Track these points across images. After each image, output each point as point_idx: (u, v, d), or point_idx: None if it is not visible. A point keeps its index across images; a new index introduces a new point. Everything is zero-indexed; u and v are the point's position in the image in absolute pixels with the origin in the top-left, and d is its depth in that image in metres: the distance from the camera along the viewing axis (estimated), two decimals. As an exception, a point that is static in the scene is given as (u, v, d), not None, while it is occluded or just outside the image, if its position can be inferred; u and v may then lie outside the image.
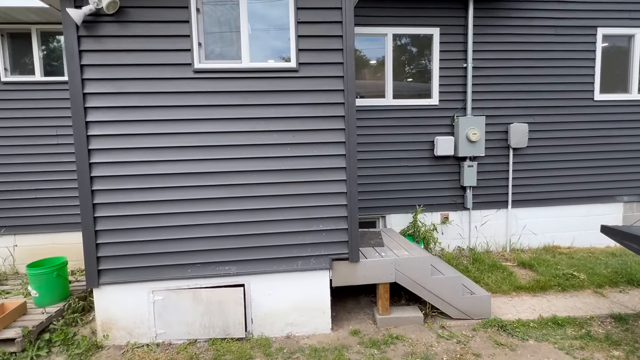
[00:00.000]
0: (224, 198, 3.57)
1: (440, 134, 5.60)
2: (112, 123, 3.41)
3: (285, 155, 3.58)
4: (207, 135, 3.51)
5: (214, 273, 3.58)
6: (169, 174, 3.49)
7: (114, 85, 3.40)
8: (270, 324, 3.70)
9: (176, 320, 3.58)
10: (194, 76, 3.45)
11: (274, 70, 3.52)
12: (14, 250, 5.10)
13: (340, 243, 3.70)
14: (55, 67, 5.21)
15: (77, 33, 3.29)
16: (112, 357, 3.39)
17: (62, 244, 5.16)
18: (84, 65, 3.34)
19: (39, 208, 5.13)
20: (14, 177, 5.06)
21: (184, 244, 3.54)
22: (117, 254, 3.48)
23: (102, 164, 3.41)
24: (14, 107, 5.05)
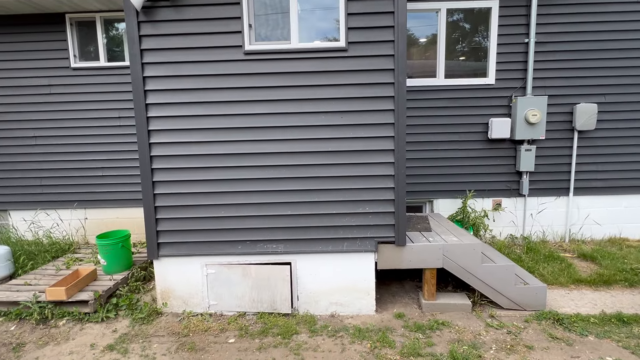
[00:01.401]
0: (272, 178, 3.64)
1: (496, 116, 5.27)
2: (169, 105, 3.58)
3: (333, 136, 3.56)
4: (256, 116, 3.58)
5: (262, 250, 3.71)
6: (220, 154, 3.62)
7: (170, 69, 3.55)
8: (315, 302, 3.79)
9: (227, 293, 3.78)
10: (244, 58, 3.50)
11: (323, 50, 3.47)
12: (85, 222, 5.62)
13: (386, 226, 3.66)
14: (117, 53, 5.54)
15: (137, 19, 3.45)
16: (170, 323, 3.66)
17: (126, 218, 5.60)
18: (144, 50, 3.51)
19: (105, 185, 5.58)
20: (84, 156, 5.52)
21: (234, 221, 3.69)
22: (174, 229, 3.71)
23: (160, 144, 3.61)
24: (83, 91, 5.47)
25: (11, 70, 5.46)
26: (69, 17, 5.35)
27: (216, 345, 3.30)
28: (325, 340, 3.34)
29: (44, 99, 5.48)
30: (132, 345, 3.32)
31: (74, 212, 5.61)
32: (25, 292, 3.90)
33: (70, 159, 5.54)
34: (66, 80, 5.44)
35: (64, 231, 5.54)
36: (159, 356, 3.16)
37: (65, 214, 5.60)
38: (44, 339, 3.43)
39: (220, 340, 3.39)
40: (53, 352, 3.23)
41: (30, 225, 5.51)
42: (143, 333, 3.50)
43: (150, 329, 3.57)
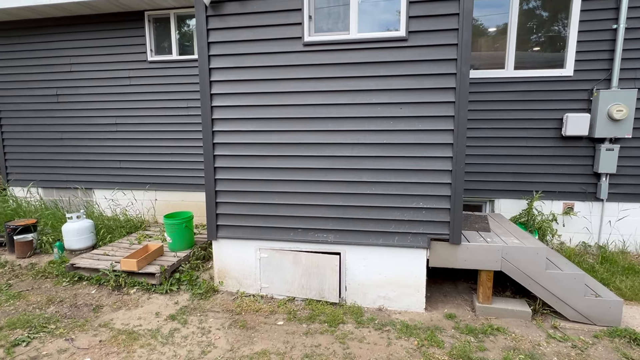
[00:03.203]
0: (326, 169, 3.68)
1: (572, 110, 4.79)
2: (231, 95, 3.77)
3: (389, 128, 3.50)
4: (313, 107, 3.63)
5: (312, 239, 3.78)
6: (276, 143, 3.73)
7: (233, 60, 3.72)
8: (363, 293, 3.79)
9: (278, 277, 3.92)
10: (303, 49, 3.56)
11: (382, 40, 3.41)
12: (155, 203, 6.15)
13: (440, 223, 3.53)
14: (187, 47, 5.93)
15: (206, 13, 3.67)
16: (225, 301, 3.90)
17: (190, 200, 6.03)
18: (211, 43, 3.72)
19: (173, 169, 6.05)
20: (156, 142, 6.03)
21: (287, 209, 3.80)
22: (232, 213, 3.92)
23: (222, 132, 3.82)
24: (156, 82, 5.95)
25: (97, 64, 6.09)
26: (147, 14, 5.82)
27: (266, 326, 3.44)
28: (372, 332, 3.33)
29: (124, 89, 6.05)
30: (190, 317, 3.59)
31: (146, 193, 6.16)
32: (104, 261, 4.39)
33: (144, 145, 6.08)
34: (143, 73, 5.95)
35: (137, 210, 6.12)
36: (213, 330, 3.38)
37: (139, 195, 6.17)
38: (117, 304, 3.83)
39: (270, 321, 3.53)
40: (125, 316, 3.60)
41: (110, 203, 6.16)
42: (201, 307, 3.77)
43: (207, 304, 3.83)
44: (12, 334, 3.25)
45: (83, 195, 6.40)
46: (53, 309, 3.70)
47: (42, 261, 4.78)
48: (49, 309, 3.70)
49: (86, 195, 6.40)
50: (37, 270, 4.50)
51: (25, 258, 4.83)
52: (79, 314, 3.64)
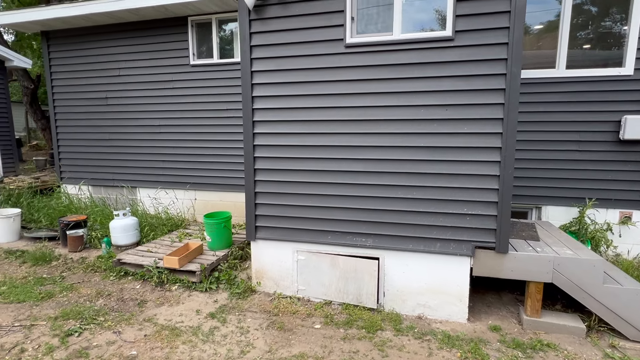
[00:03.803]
0: (364, 172, 3.63)
1: (632, 112, 4.45)
2: (272, 98, 3.80)
3: (432, 131, 3.39)
4: (353, 109, 3.59)
5: (350, 243, 3.74)
6: (316, 145, 3.72)
7: (275, 63, 3.75)
8: (401, 300, 3.70)
9: (315, 280, 3.90)
10: (345, 51, 3.53)
11: (427, 41, 3.31)
12: (194, 202, 6.34)
13: (486, 230, 3.37)
14: (227, 51, 6.07)
15: (249, 17, 3.72)
16: (262, 302, 3.93)
17: (227, 201, 6.16)
18: (253, 46, 3.77)
19: (212, 170, 6.21)
20: (197, 143, 6.22)
21: (326, 212, 3.78)
22: (270, 214, 3.96)
23: (262, 134, 3.86)
24: (198, 85, 6.13)
25: (143, 68, 6.37)
26: (190, 20, 6.02)
27: (303, 329, 3.43)
28: (411, 341, 3.24)
29: (167, 92, 6.29)
30: (229, 316, 3.65)
31: (186, 192, 6.37)
32: (148, 257, 4.56)
33: (185, 146, 6.28)
34: (186, 76, 6.16)
35: (178, 209, 6.34)
36: (252, 330, 3.41)
37: (180, 194, 6.39)
38: (160, 300, 3.97)
39: (307, 324, 3.52)
40: (167, 312, 3.72)
41: (153, 201, 6.42)
42: (239, 307, 3.82)
43: (245, 304, 3.88)
44: (65, 324, 3.44)
45: (128, 194, 6.71)
46: (102, 302, 3.89)
47: (91, 255, 5.04)
48: (98, 302, 3.89)
49: (131, 194, 6.71)
50: (87, 264, 4.76)
51: (76, 252, 5.12)
52: (125, 307, 3.80)
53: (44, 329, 3.35)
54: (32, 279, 4.35)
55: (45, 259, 4.83)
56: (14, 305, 3.75)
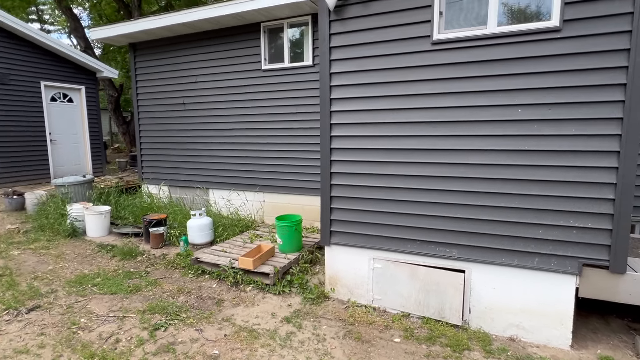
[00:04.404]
0: (450, 177, 3.38)
1: None
2: (350, 100, 3.70)
3: (532, 133, 3.05)
4: (439, 110, 3.36)
5: (433, 253, 3.50)
6: (396, 149, 3.55)
7: (354, 64, 3.65)
8: (490, 319, 3.37)
9: (392, 290, 3.71)
10: (431, 48, 3.32)
11: (528, 33, 2.99)
12: (263, 204, 6.46)
13: (597, 246, 2.95)
14: (297, 54, 6.11)
15: (329, 18, 3.66)
16: (337, 309, 3.83)
17: (295, 203, 6.19)
18: (332, 47, 3.70)
19: (281, 173, 6.28)
20: (266, 147, 6.34)
21: (405, 219, 3.58)
22: (346, 219, 3.85)
23: (340, 137, 3.77)
24: (268, 89, 6.25)
25: (218, 74, 6.65)
26: (263, 25, 6.16)
27: (381, 341, 3.27)
28: (506, 366, 2.92)
29: (239, 97, 6.49)
30: (304, 322, 3.59)
31: (256, 194, 6.51)
32: (223, 257, 4.69)
33: (255, 149, 6.43)
34: (257, 81, 6.31)
35: (248, 210, 6.50)
36: (328, 338, 3.32)
37: (250, 196, 6.55)
38: (236, 300, 4.04)
39: (385, 337, 3.35)
40: (244, 313, 3.76)
41: (225, 202, 6.66)
42: (313, 313, 3.75)
43: (319, 310, 3.81)
44: (152, 318, 3.61)
45: (203, 194, 7.04)
46: (183, 299, 4.04)
47: (170, 252, 5.32)
48: (179, 298, 4.05)
49: (205, 194, 7.03)
50: (167, 261, 5.02)
51: (157, 248, 5.44)
52: (204, 305, 3.92)
53: (134, 322, 3.54)
54: (121, 272, 4.67)
55: (131, 254, 5.19)
56: (108, 297, 4.03)
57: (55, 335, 3.29)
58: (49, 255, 5.16)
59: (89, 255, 5.23)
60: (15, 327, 3.40)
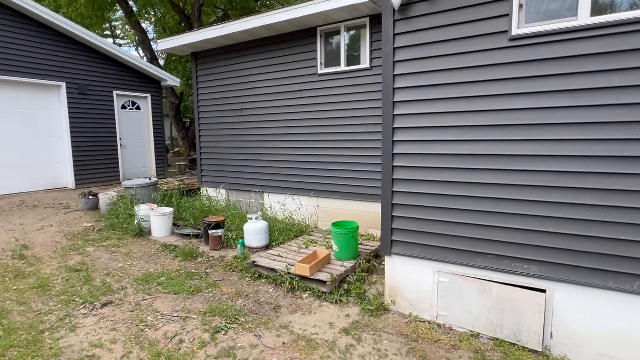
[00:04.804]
0: (529, 186, 3.05)
1: None
2: (415, 102, 3.50)
3: (632, 137, 2.66)
4: (517, 112, 3.06)
5: (508, 269, 3.19)
6: (467, 154, 3.29)
7: (419, 65, 3.45)
8: (576, 346, 2.99)
9: (459, 306, 3.44)
10: (509, 45, 3.03)
11: (629, 23, 2.61)
12: (317, 209, 6.41)
13: None
14: (353, 58, 6.00)
15: (393, 17, 3.51)
16: (397, 323, 3.63)
17: (348, 209, 6.06)
18: (396, 48, 3.54)
19: (335, 178, 6.19)
20: (321, 151, 6.29)
21: (475, 230, 3.30)
22: (408, 229, 3.65)
23: (402, 142, 3.59)
24: (324, 94, 6.20)
25: (274, 79, 6.73)
26: (319, 29, 6.13)
27: (449, 362, 3.02)
28: (600, 403, 2.55)
29: (295, 102, 6.52)
30: (364, 334, 3.44)
31: (310, 199, 6.48)
32: (279, 262, 4.68)
33: (309, 153, 6.41)
34: (312, 85, 6.29)
35: (302, 215, 6.49)
36: (390, 354, 3.14)
37: (304, 200, 6.54)
38: (293, 306, 3.99)
39: (453, 357, 3.10)
40: (301, 321, 3.69)
41: (280, 207, 6.71)
42: (372, 325, 3.59)
43: (379, 323, 3.64)
44: (213, 320, 3.66)
45: (258, 198, 7.16)
46: (241, 302, 4.08)
47: (228, 255, 5.44)
48: (237, 302, 4.09)
49: (260, 198, 7.14)
50: (225, 263, 5.12)
51: (216, 250, 5.58)
52: (261, 310, 3.91)
53: (196, 323, 3.62)
54: (183, 272, 4.84)
55: (192, 255, 5.37)
56: (171, 296, 4.18)
57: (125, 331, 3.45)
58: (119, 253, 5.50)
59: (154, 255, 5.50)
60: (91, 321, 3.61)
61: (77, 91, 9.23)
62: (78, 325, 3.52)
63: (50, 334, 3.36)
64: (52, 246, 5.65)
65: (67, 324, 3.55)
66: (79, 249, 5.59)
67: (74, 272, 4.74)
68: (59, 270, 4.76)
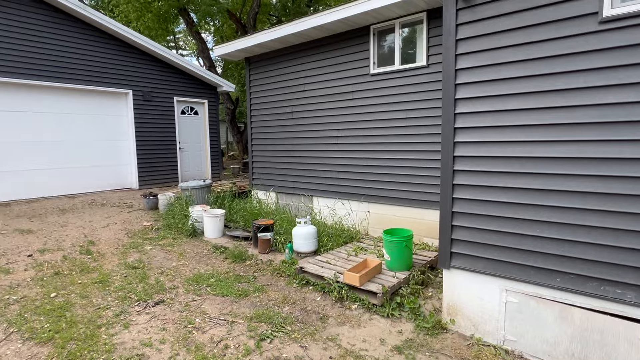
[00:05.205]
0: (621, 195, 2.56)
1: None
2: (480, 99, 3.14)
3: None
4: (607, 107, 2.59)
5: (596, 293, 2.70)
6: (545, 157, 2.86)
7: (485, 57, 3.09)
8: (688, 394, 2.43)
9: (532, 332, 3.00)
10: (599, 29, 2.58)
11: None
12: (368, 215, 6.15)
13: None
14: (408, 56, 5.68)
15: (456, 6, 3.18)
16: (457, 345, 3.26)
17: (400, 216, 5.72)
18: (459, 40, 3.21)
19: (387, 182, 5.89)
20: (373, 154, 6.03)
21: (554, 245, 2.85)
22: (471, 240, 3.27)
23: (465, 143, 3.24)
24: (376, 95, 5.94)
25: (325, 81, 6.60)
26: (372, 28, 5.90)
27: (521, 397, 2.61)
28: None
29: (346, 104, 6.33)
30: (419, 355, 3.12)
31: (360, 204, 6.23)
32: (327, 269, 4.49)
33: (360, 157, 6.18)
34: (365, 86, 6.06)
35: (352, 220, 6.26)
36: (449, 381, 2.80)
37: (354, 206, 6.31)
38: (341, 318, 3.77)
39: (525, 391, 2.68)
40: (349, 334, 3.46)
41: (329, 211, 6.54)
42: (428, 345, 3.26)
43: (436, 343, 3.29)
44: (259, 327, 3.56)
45: (307, 202, 7.06)
46: (287, 310, 3.94)
47: (276, 259, 5.36)
48: (284, 309, 3.96)
49: (309, 202, 7.03)
50: (273, 267, 5.05)
51: (264, 254, 5.54)
52: (308, 320, 3.74)
53: (242, 328, 3.54)
54: (232, 275, 4.84)
55: (241, 257, 5.37)
56: (220, 299, 4.16)
57: (174, 332, 3.46)
58: (173, 252, 5.67)
59: (205, 255, 5.59)
60: (143, 319, 3.68)
61: (142, 98, 9.86)
62: (131, 323, 3.61)
63: (106, 330, 3.47)
64: (115, 243, 5.99)
65: (122, 320, 3.65)
66: (137, 247, 5.85)
67: (132, 269, 4.94)
68: (118, 267, 5.00)
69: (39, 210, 7.68)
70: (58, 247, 5.70)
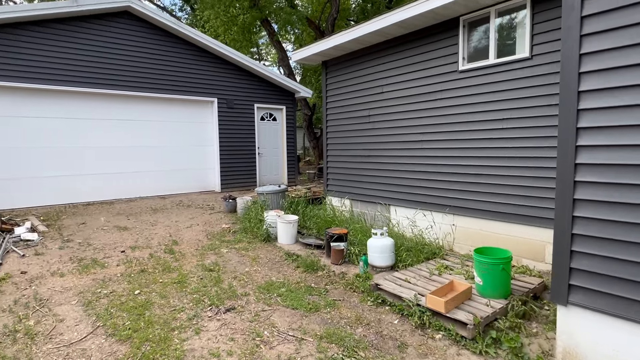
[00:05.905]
0: None
1: None
2: (616, 91, 2.43)
3: None
4: None
5: None
6: None
7: (627, 36, 2.38)
8: None
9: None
10: None
11: None
12: (453, 229, 5.48)
13: None
14: (506, 47, 4.93)
15: (582, -25, 2.53)
16: (577, 404, 2.55)
17: (494, 232, 4.96)
18: (585, 17, 2.54)
19: (474, 193, 5.18)
20: (460, 160, 5.37)
21: None
22: (597, 271, 2.55)
23: (592, 148, 2.54)
24: (465, 93, 5.28)
25: (405, 82, 6.11)
26: (462, 19, 5.27)
27: None
28: None
29: (430, 105, 5.76)
30: (524, 411, 2.50)
31: (445, 216, 5.59)
32: (406, 289, 4.01)
33: (446, 163, 5.55)
34: (452, 85, 5.44)
35: (434, 234, 5.65)
36: None
37: (438, 218, 5.68)
38: (422, 348, 3.27)
39: None
40: (433, 371, 2.96)
41: (408, 223, 6.00)
42: (536, 399, 2.61)
43: (547, 398, 2.62)
44: (329, 348, 3.25)
45: (384, 212, 6.60)
46: (361, 331, 3.56)
47: (350, 271, 5.02)
48: (357, 330, 3.59)
49: (386, 211, 6.57)
50: (346, 281, 4.71)
51: (337, 265, 5.24)
52: (384, 346, 3.32)
53: (311, 348, 3.26)
54: (303, 285, 4.62)
55: (313, 267, 5.14)
56: (290, 311, 3.95)
57: (242, 344, 3.32)
58: (247, 257, 5.67)
59: (277, 262, 5.48)
60: (214, 326, 3.62)
61: (226, 105, 10.38)
62: (202, 329, 3.56)
63: (178, 334, 3.47)
64: (195, 244, 6.22)
65: (194, 325, 3.63)
66: (215, 249, 5.99)
67: (208, 271, 5.02)
68: (196, 268, 5.12)
69: (135, 209, 8.45)
70: (147, 244, 6.11)
